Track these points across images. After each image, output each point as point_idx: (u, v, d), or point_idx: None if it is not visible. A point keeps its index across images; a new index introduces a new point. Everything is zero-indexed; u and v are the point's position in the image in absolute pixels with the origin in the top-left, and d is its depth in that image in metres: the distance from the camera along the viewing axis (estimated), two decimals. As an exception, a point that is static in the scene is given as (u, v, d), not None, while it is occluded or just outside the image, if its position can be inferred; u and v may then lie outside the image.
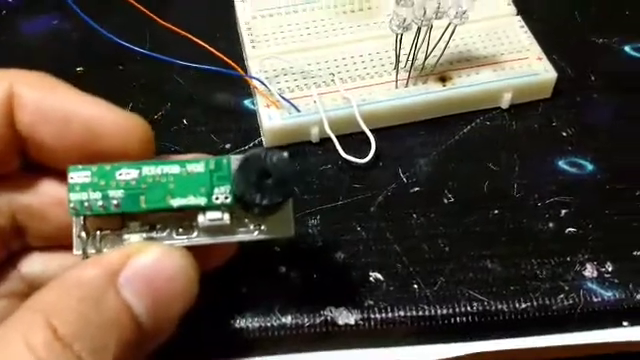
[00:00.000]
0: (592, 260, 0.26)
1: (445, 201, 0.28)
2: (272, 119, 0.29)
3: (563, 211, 0.27)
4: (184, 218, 0.21)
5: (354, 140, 0.30)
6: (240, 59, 0.32)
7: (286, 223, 0.21)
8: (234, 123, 0.31)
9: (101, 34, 0.29)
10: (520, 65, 0.31)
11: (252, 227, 0.21)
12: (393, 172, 0.29)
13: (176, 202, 0.20)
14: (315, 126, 0.29)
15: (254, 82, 0.30)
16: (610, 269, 0.26)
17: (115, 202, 0.20)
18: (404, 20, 0.27)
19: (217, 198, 0.20)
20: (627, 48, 0.34)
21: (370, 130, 0.29)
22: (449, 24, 0.28)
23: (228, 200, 0.20)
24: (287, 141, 0.30)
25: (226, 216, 0.20)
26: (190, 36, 0.30)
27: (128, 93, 0.32)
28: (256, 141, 0.30)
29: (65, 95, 0.20)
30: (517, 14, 0.33)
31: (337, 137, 0.29)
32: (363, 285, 0.25)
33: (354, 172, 0.29)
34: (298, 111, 0.29)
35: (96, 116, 0.20)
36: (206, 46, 0.30)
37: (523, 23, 0.32)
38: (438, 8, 0.27)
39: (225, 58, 0.30)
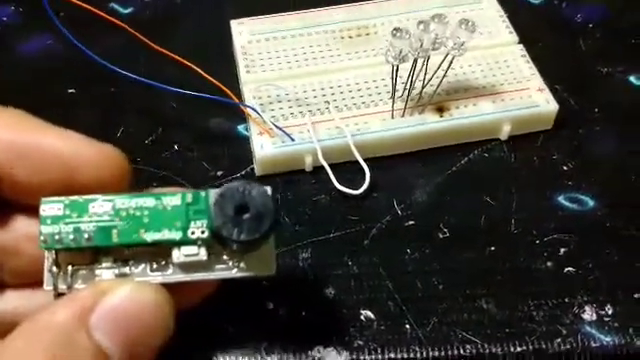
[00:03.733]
0: (591, 302, 0.25)
1: (440, 236, 0.27)
2: (264, 148, 0.28)
3: (562, 249, 0.26)
4: (159, 253, 0.20)
5: (349, 170, 0.29)
6: (236, 84, 0.31)
7: (267, 261, 0.20)
8: (227, 149, 0.30)
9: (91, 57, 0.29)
10: (520, 96, 0.30)
11: (231, 264, 0.20)
12: (388, 204, 0.28)
13: (150, 236, 0.19)
14: (309, 155, 0.28)
15: (248, 110, 0.29)
16: (610, 312, 0.25)
17: (87, 236, 0.19)
18: (400, 52, 0.26)
19: (193, 233, 0.19)
20: (632, 78, 0.33)
21: (365, 160, 0.29)
22: (447, 54, 0.27)
23: (205, 235, 0.19)
24: (280, 170, 0.29)
25: (202, 252, 0.19)
26: (184, 61, 0.30)
27: (120, 116, 0.32)
28: (248, 168, 0.29)
29: (38, 131, 0.19)
30: (519, 42, 0.32)
31: (331, 166, 0.29)
32: (353, 324, 0.24)
33: (348, 203, 0.28)
34: (292, 140, 0.29)
35: (71, 151, 0.20)
36: (201, 72, 0.30)
37: (525, 52, 0.32)
38: (436, 39, 0.26)
39: (219, 84, 0.29)
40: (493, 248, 0.27)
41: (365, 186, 0.28)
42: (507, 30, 0.33)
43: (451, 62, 0.27)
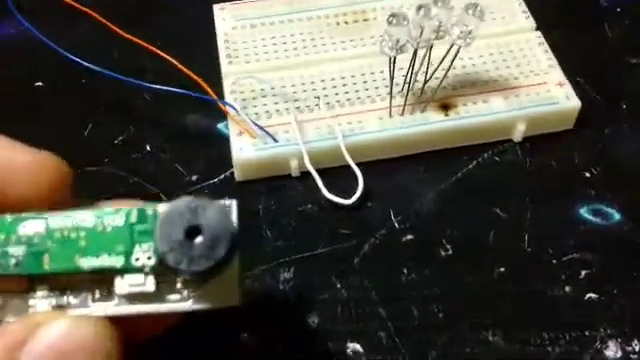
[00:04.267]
0: (616, 336, 0.21)
1: (442, 253, 0.24)
2: (244, 150, 0.25)
3: (583, 272, 0.23)
4: (102, 281, 0.17)
5: (340, 175, 0.26)
6: (218, 76, 0.28)
7: (230, 290, 0.17)
8: (204, 150, 0.27)
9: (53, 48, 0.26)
10: (537, 91, 0.26)
11: (186, 294, 0.17)
12: (383, 215, 0.25)
13: (86, 263, 0.16)
14: (294, 159, 0.25)
15: (227, 107, 0.26)
16: (637, 349, 0.21)
17: (14, 261, 0.16)
18: (397, 41, 0.22)
19: (138, 259, 0.16)
20: (665, 70, 0.29)
21: (359, 164, 0.25)
22: (452, 45, 0.23)
23: (152, 262, 0.16)
24: (262, 174, 0.26)
25: (150, 281, 0.17)
26: (158, 51, 0.27)
27: (89, 111, 0.28)
28: (228, 173, 0.26)
29: None
30: (536, 29, 0.28)
31: (321, 171, 0.25)
32: (338, 359, 0.21)
33: (338, 214, 0.25)
34: (275, 141, 0.25)
35: (2, 160, 0.17)
36: (176, 63, 0.26)
37: (543, 40, 0.28)
38: (439, 27, 0.23)
39: (196, 77, 0.26)
40: (503, 269, 0.23)
41: (357, 195, 0.25)
42: (524, 15, 0.29)
43: (457, 53, 0.24)
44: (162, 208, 0.17)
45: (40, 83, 0.30)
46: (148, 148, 0.27)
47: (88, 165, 0.27)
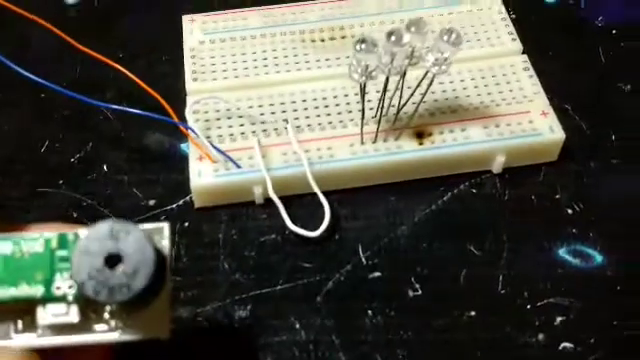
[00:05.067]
0: (591, 393, 0.20)
1: (410, 293, 0.22)
2: (202, 176, 0.23)
3: (559, 318, 0.21)
4: (25, 310, 0.16)
5: (308, 203, 0.24)
6: (182, 93, 0.26)
7: (159, 320, 0.16)
8: (164, 173, 0.25)
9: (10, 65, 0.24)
10: (519, 121, 0.24)
11: (114, 324, 0.16)
12: (351, 249, 0.23)
13: (4, 293, 0.16)
14: (258, 186, 0.24)
15: (188, 129, 0.24)
16: (614, 407, 0.20)
17: None
18: (366, 67, 0.21)
19: (59, 288, 0.16)
20: (660, 98, 0.27)
21: (328, 192, 0.24)
22: (427, 72, 0.22)
23: (74, 290, 0.16)
24: (223, 201, 0.24)
25: (73, 311, 0.16)
26: (122, 69, 0.25)
27: (47, 127, 0.27)
28: (188, 198, 0.25)
29: None
30: (523, 52, 0.27)
31: (287, 198, 0.24)
32: (291, 411, 0.20)
33: (302, 247, 0.23)
34: (238, 167, 0.24)
35: None
36: (138, 82, 0.25)
37: (529, 64, 0.26)
38: (412, 53, 0.21)
39: (157, 95, 0.25)
40: (473, 313, 0.22)
41: (324, 227, 0.23)
42: (510, 37, 0.27)
43: (432, 81, 0.22)
44: (84, 233, 0.16)
45: (-2, 95, 0.28)
46: (105, 168, 0.25)
47: (42, 185, 0.25)
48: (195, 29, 0.28)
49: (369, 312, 0.22)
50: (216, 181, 0.23)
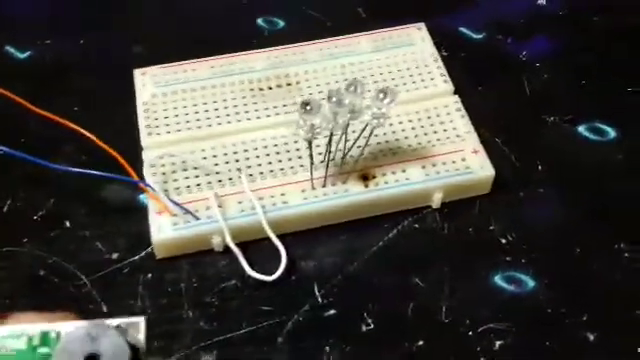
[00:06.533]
0: (528, 411, 0.22)
1: (364, 328, 0.24)
2: (162, 230, 0.25)
3: (497, 343, 0.24)
4: None
5: (265, 247, 0.26)
6: (138, 146, 0.27)
7: None
8: (126, 225, 0.26)
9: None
10: (453, 159, 0.27)
11: None
12: (307, 289, 0.25)
13: None
14: (216, 236, 0.25)
15: (147, 186, 0.26)
16: (548, 422, 0.22)
17: None
18: (312, 126, 0.23)
19: None
20: (581, 129, 0.30)
21: (283, 235, 0.25)
22: (367, 124, 0.24)
23: None
24: (183, 251, 0.25)
25: None
26: (76, 127, 0.26)
27: (8, 185, 0.28)
28: (149, 249, 0.26)
29: None
30: (454, 92, 0.29)
31: (246, 244, 0.25)
32: None
33: (261, 290, 0.25)
34: (197, 219, 0.25)
35: None
36: (94, 138, 0.26)
37: (460, 104, 0.29)
38: (353, 109, 0.23)
39: (114, 153, 0.26)
40: (421, 342, 0.24)
41: (280, 271, 0.25)
42: (442, 78, 0.29)
43: (372, 132, 0.24)
44: (65, 330, 0.16)
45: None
46: (68, 224, 0.27)
47: (7, 244, 0.26)
48: (147, 82, 0.29)
49: (326, 348, 0.23)
50: (175, 234, 0.25)
